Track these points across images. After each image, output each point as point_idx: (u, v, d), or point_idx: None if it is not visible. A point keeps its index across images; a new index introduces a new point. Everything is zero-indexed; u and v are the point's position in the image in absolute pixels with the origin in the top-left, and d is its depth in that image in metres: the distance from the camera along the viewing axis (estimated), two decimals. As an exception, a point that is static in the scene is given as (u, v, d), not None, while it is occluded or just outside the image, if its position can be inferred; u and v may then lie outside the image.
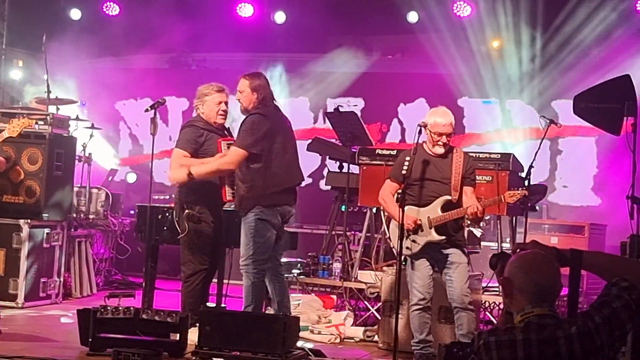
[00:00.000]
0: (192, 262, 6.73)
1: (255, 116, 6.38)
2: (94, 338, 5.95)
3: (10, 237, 8.03)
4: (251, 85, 6.43)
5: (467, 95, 11.74)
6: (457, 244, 6.30)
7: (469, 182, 6.33)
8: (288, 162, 6.48)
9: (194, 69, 13.12)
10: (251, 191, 6.31)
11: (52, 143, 8.41)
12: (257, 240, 6.31)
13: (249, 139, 6.31)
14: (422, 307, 6.29)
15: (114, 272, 10.25)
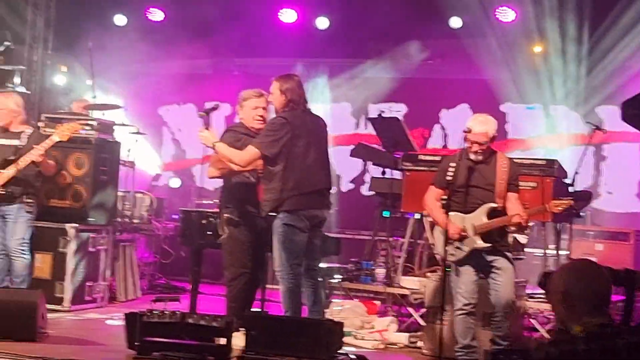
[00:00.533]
0: (233, 265, 6.75)
1: (276, 118, 6.40)
2: (141, 341, 5.99)
3: (57, 241, 8.13)
4: (280, 87, 6.44)
5: (510, 101, 11.66)
6: (501, 250, 6.26)
7: (513, 188, 6.28)
8: (309, 166, 6.39)
9: (236, 75, 13.19)
10: (269, 194, 6.31)
11: (97, 148, 8.51)
12: (286, 246, 6.30)
13: (264, 139, 6.31)
14: (466, 312, 6.26)
15: (157, 276, 10.34)
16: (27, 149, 7.29)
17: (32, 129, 7.65)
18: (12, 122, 7.52)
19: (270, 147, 6.27)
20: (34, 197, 7.48)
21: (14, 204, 7.35)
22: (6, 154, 7.36)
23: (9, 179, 7.27)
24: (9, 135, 7.50)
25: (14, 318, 6.32)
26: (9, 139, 7.47)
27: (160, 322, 6.00)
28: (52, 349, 6.17)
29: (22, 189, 7.36)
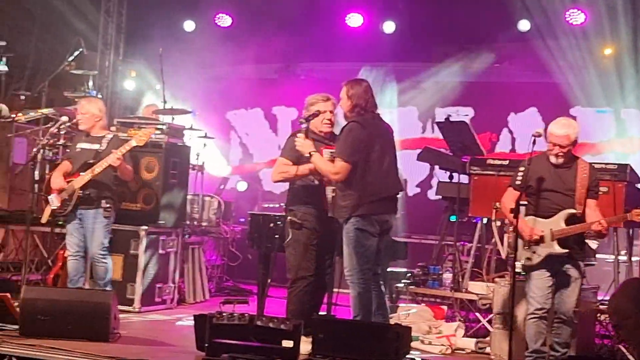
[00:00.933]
0: (295, 269, 6.76)
1: (352, 124, 6.39)
2: (210, 343, 6.05)
3: (129, 243, 8.28)
4: (348, 92, 6.46)
5: (580, 105, 11.47)
6: (576, 258, 6.21)
7: (593, 195, 6.22)
8: (385, 171, 6.43)
9: (303, 79, 13.25)
10: (347, 200, 6.31)
11: (168, 152, 8.64)
12: (358, 250, 6.31)
13: (348, 149, 6.31)
14: (538, 316, 6.21)
15: (225, 279, 10.45)
16: (106, 154, 7.46)
17: (112, 134, 7.80)
18: (94, 126, 7.70)
19: (353, 155, 6.30)
20: (112, 202, 7.62)
21: (91, 208, 7.52)
22: (87, 157, 7.54)
23: (86, 182, 7.44)
24: (90, 139, 7.68)
25: (87, 319, 6.46)
26: (90, 143, 7.65)
27: (229, 324, 6.06)
28: (124, 349, 6.29)
29: (100, 193, 7.52)
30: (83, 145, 7.69)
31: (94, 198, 7.51)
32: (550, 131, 6.23)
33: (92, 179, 7.44)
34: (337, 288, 7.74)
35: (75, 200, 7.47)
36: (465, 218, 8.99)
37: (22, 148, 10.14)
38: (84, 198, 7.47)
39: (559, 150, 6.17)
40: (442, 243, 8.84)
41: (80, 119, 7.67)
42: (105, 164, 7.40)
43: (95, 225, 7.52)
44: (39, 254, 8.99)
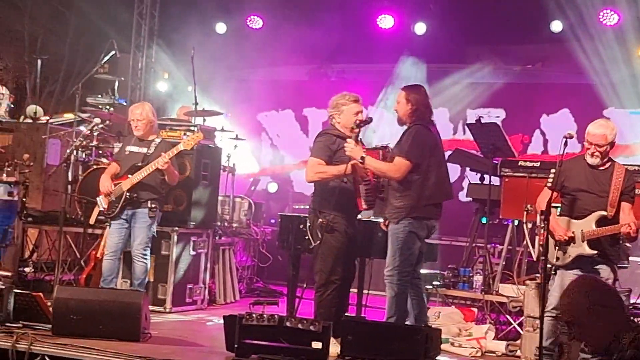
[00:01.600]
0: (324, 272, 6.72)
1: (418, 127, 6.43)
2: (240, 344, 6.08)
3: (160, 244, 8.33)
4: (407, 97, 6.51)
5: (614, 106, 11.35)
6: (609, 260, 6.17)
7: (627, 199, 6.18)
8: (443, 177, 6.52)
9: (334, 80, 13.26)
10: (404, 201, 6.34)
11: (199, 153, 8.69)
12: (403, 252, 6.34)
13: (414, 149, 6.34)
14: (554, 315, 6.20)
15: (255, 280, 10.48)
16: (154, 157, 7.54)
17: (160, 138, 7.90)
18: (149, 131, 7.78)
19: (418, 157, 6.33)
20: (157, 203, 7.69)
21: (138, 209, 7.60)
22: (135, 160, 7.63)
23: (133, 185, 7.52)
24: (139, 142, 7.79)
25: (118, 318, 6.52)
26: (140, 147, 7.75)
27: (259, 325, 6.07)
28: (155, 349, 6.33)
29: (147, 195, 7.61)
30: (132, 148, 7.79)
31: (140, 200, 7.60)
32: (588, 130, 6.25)
33: (139, 181, 7.52)
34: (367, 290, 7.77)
35: (123, 202, 7.56)
36: (496, 220, 8.95)
37: (55, 149, 10.26)
38: (130, 200, 7.56)
39: (595, 150, 6.17)
40: (472, 245, 8.79)
41: (137, 126, 7.73)
42: (152, 167, 7.49)
43: (140, 224, 7.61)
44: (72, 254, 9.08)
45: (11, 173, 8.84)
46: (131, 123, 7.82)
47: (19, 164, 8.91)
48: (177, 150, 7.52)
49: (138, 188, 7.57)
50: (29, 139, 10.33)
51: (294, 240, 7.61)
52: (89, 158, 9.26)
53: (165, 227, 8.30)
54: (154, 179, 7.62)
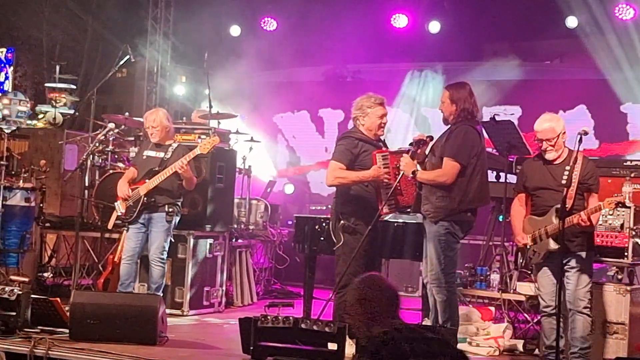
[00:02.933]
0: (345, 273, 6.63)
1: (468, 128, 6.29)
2: (255, 346, 6.07)
3: (176, 247, 8.33)
4: (452, 96, 6.36)
5: (632, 101, 11.28)
6: (574, 250, 6.12)
7: (590, 188, 6.14)
8: (485, 181, 6.43)
9: (349, 81, 13.26)
10: (445, 202, 6.23)
11: (214, 156, 8.68)
12: (447, 254, 6.27)
13: (463, 151, 6.22)
14: (547, 313, 6.21)
15: (273, 282, 10.48)
16: (171, 162, 7.56)
17: (177, 143, 7.89)
18: (166, 136, 7.81)
19: (466, 159, 6.23)
20: (175, 208, 7.71)
21: (156, 213, 7.63)
22: (152, 165, 7.66)
23: (151, 189, 7.56)
24: (157, 147, 7.79)
25: (135, 322, 6.53)
26: (157, 152, 7.76)
27: (274, 327, 6.07)
28: (171, 352, 6.35)
29: (165, 199, 7.62)
30: (149, 152, 7.81)
31: (158, 204, 7.62)
32: (535, 129, 6.26)
33: (156, 186, 7.55)
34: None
35: (140, 206, 7.59)
36: (513, 218, 8.90)
37: (72, 155, 10.33)
38: (148, 204, 7.59)
39: (547, 145, 6.16)
40: (489, 244, 8.74)
41: (153, 133, 7.74)
42: (170, 172, 7.50)
43: (157, 228, 7.62)
44: (90, 258, 9.12)
45: (28, 179, 8.91)
46: (147, 130, 7.84)
47: (36, 170, 8.96)
48: (194, 154, 7.52)
49: (155, 192, 7.59)
50: (46, 145, 10.40)
51: (310, 242, 7.60)
52: (105, 163, 9.30)
53: (181, 230, 8.31)
54: (171, 184, 7.64)
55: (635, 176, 7.19)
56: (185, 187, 7.76)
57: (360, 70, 13.30)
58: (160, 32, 13.09)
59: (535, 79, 11.98)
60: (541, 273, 6.27)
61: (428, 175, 6.33)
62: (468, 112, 6.32)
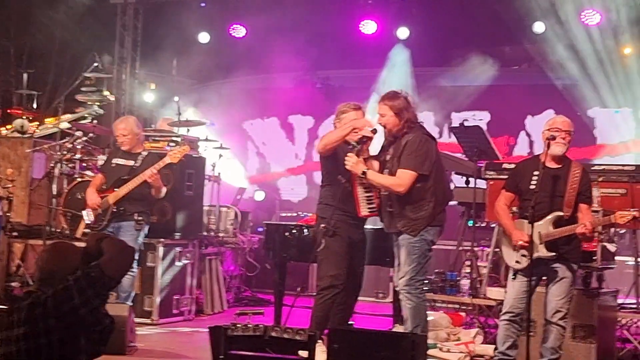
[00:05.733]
0: (326, 276, 6.64)
1: (422, 136, 6.29)
2: (225, 355, 6.02)
3: (146, 255, 8.29)
4: (392, 108, 6.30)
5: (599, 105, 11.39)
6: (565, 258, 6.08)
7: (584, 199, 6.08)
8: (446, 179, 6.52)
9: (319, 87, 13.25)
10: (421, 211, 6.21)
11: (183, 164, 8.61)
12: (420, 262, 6.24)
13: (418, 160, 6.19)
14: (507, 319, 6.17)
15: (243, 289, 10.44)
16: (141, 170, 7.50)
17: (147, 151, 7.84)
18: (136, 144, 7.74)
19: (425, 166, 6.20)
20: (144, 216, 7.66)
21: (125, 222, 7.57)
22: (121, 173, 7.60)
23: (120, 198, 7.49)
24: (126, 155, 7.75)
25: (103, 332, 6.46)
26: (126, 160, 7.71)
27: (244, 336, 6.03)
28: (141, 362, 6.31)
29: (134, 208, 7.57)
30: (118, 160, 7.75)
31: (127, 213, 7.56)
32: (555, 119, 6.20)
33: (126, 194, 7.48)
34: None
35: (110, 215, 7.52)
36: (482, 223, 8.95)
37: (40, 163, 10.20)
38: (117, 213, 7.53)
39: (560, 136, 6.03)
40: (459, 249, 8.77)
41: (123, 141, 7.69)
42: (140, 180, 7.45)
43: (126, 236, 7.53)
44: (58, 268, 9.00)
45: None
46: (117, 138, 7.78)
47: (2, 179, 8.85)
48: (165, 163, 7.48)
49: (125, 201, 7.54)
50: (13, 153, 10.28)
51: (280, 248, 7.57)
52: (73, 171, 9.21)
53: (150, 238, 8.26)
54: (140, 192, 7.59)
55: (603, 180, 7.23)
56: (154, 196, 7.71)
57: (330, 77, 13.30)
58: (129, 39, 13.00)
59: (503, 84, 12.05)
60: (521, 278, 6.15)
61: (382, 180, 6.26)
62: (412, 121, 6.31)
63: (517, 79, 12.10)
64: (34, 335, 3.84)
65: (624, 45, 11.37)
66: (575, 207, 6.04)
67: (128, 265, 4.33)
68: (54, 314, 3.85)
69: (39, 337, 3.84)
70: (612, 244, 7.28)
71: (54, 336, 3.86)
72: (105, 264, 3.99)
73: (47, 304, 3.85)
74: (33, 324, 3.84)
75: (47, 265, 4.08)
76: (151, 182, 7.48)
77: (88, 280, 3.90)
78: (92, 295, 3.91)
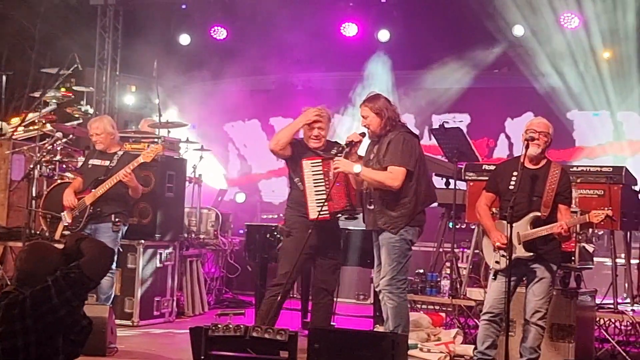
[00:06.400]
0: (278, 273, 6.76)
1: (405, 134, 6.33)
2: (206, 356, 6.03)
3: (126, 257, 8.27)
4: (373, 109, 6.35)
5: (577, 108, 11.49)
6: (543, 259, 6.11)
7: (563, 200, 6.11)
8: (429, 180, 6.54)
9: (300, 89, 13.27)
10: (403, 209, 6.24)
11: (163, 165, 8.64)
12: (401, 262, 6.28)
13: (407, 156, 6.24)
14: (487, 319, 6.21)
15: (224, 291, 10.43)
16: (116, 170, 7.48)
17: (123, 151, 7.82)
18: (110, 144, 7.72)
19: (410, 163, 6.24)
20: (122, 217, 7.63)
21: (102, 223, 7.54)
22: (98, 174, 7.57)
23: (97, 198, 7.47)
24: (102, 155, 7.72)
25: (83, 333, 6.44)
26: (102, 160, 7.68)
27: (225, 336, 6.03)
28: (122, 363, 6.29)
29: (111, 208, 7.54)
30: (95, 161, 7.73)
31: (105, 213, 7.53)
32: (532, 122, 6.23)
33: (102, 195, 7.46)
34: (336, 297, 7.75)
35: (87, 216, 7.50)
36: (462, 224, 9.00)
37: (19, 165, 10.15)
38: (94, 214, 7.50)
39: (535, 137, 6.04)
40: (439, 250, 8.82)
41: (97, 140, 7.68)
42: (115, 180, 7.43)
43: (104, 238, 7.49)
44: (38, 270, 8.96)
45: (-28, 190, 8.75)
46: (91, 137, 7.77)
47: (-19, 181, 8.82)
48: (138, 163, 7.46)
49: (101, 202, 7.51)
50: (-9, 155, 10.22)
51: (261, 250, 7.59)
52: (53, 173, 9.17)
53: (131, 240, 8.25)
54: (117, 193, 7.56)
55: (581, 182, 7.29)
56: (132, 196, 7.69)
57: (311, 79, 13.33)
58: (110, 40, 12.97)
59: (483, 87, 12.12)
60: (498, 278, 6.17)
61: (376, 175, 6.28)
62: (394, 120, 6.36)
63: (496, 82, 12.18)
64: (11, 335, 3.83)
65: (603, 49, 11.46)
66: (554, 208, 6.05)
67: (107, 266, 4.33)
68: (32, 314, 3.85)
69: (16, 338, 3.84)
70: (591, 245, 7.34)
71: (31, 337, 3.85)
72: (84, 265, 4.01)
73: (25, 304, 3.86)
74: (10, 324, 3.84)
75: (26, 265, 4.08)
76: (126, 182, 7.45)
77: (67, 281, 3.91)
78: (71, 296, 3.92)
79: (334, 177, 6.47)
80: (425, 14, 12.01)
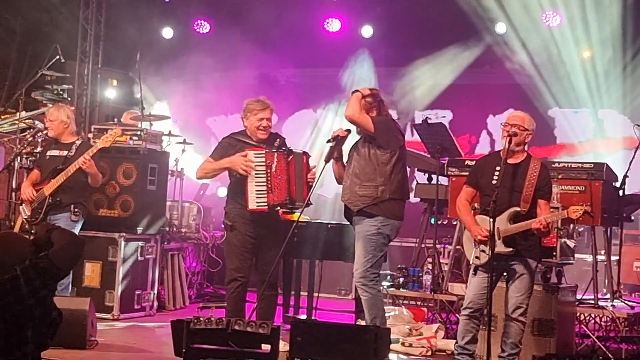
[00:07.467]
0: (229, 269, 6.78)
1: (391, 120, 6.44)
2: (188, 349, 6.01)
3: (107, 250, 8.24)
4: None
5: (558, 106, 11.54)
6: (522, 254, 6.11)
7: (542, 195, 6.11)
8: (405, 176, 6.51)
9: (283, 84, 13.25)
10: (368, 190, 6.25)
11: (145, 158, 8.61)
12: (376, 255, 6.29)
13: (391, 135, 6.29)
14: (467, 314, 6.21)
15: (205, 285, 10.40)
16: (75, 159, 7.42)
17: (81, 140, 7.78)
18: (63, 133, 7.67)
19: (394, 143, 6.29)
20: (81, 207, 7.58)
21: (62, 213, 7.47)
22: (56, 164, 7.51)
23: (55, 188, 7.41)
24: (60, 146, 7.66)
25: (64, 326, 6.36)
26: (60, 150, 7.62)
27: (207, 329, 6.01)
28: (102, 356, 6.29)
29: (70, 198, 7.48)
30: (52, 152, 7.68)
31: (64, 203, 7.47)
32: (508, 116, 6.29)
33: (61, 185, 7.40)
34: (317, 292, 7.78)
35: (46, 207, 7.43)
36: (444, 220, 9.03)
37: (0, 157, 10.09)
38: (54, 204, 7.44)
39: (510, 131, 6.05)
40: (421, 245, 8.84)
41: (49, 126, 7.67)
42: (74, 169, 7.37)
43: None
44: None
45: (-49, 182, 8.67)
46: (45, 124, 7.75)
47: (-39, 173, 8.74)
48: (97, 149, 7.41)
49: (60, 192, 7.44)
50: (-29, 147, 10.13)
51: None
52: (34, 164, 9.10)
53: (112, 232, 8.21)
54: (76, 181, 7.49)
55: (562, 177, 7.34)
56: (92, 184, 7.64)
57: (294, 74, 13.30)
58: (92, 33, 12.88)
59: (465, 83, 12.14)
60: (478, 273, 6.16)
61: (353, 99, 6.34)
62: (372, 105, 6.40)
63: (479, 79, 12.20)
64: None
65: (584, 48, 11.52)
66: (534, 203, 6.06)
67: (77, 256, 4.31)
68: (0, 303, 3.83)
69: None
70: (572, 240, 7.39)
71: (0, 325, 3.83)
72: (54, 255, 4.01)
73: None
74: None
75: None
76: (85, 169, 7.38)
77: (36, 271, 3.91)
78: (39, 285, 3.92)
79: (276, 169, 6.54)
80: (409, 11, 12.01)
